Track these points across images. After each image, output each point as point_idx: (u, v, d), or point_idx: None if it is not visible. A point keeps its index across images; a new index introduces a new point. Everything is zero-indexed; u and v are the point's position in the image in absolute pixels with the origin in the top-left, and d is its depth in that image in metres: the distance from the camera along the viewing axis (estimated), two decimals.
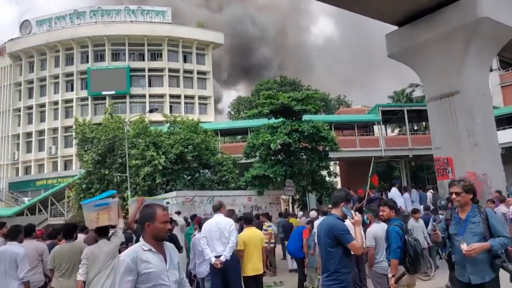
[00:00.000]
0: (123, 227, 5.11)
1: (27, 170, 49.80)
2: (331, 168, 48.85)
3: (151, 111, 26.66)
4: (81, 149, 26.10)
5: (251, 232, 6.39)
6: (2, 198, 43.16)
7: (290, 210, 24.65)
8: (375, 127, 36.34)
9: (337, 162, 43.76)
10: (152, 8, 50.14)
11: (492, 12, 12.08)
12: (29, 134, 49.97)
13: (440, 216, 6.65)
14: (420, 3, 12.72)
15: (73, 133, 27.65)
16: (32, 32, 50.35)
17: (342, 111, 40.11)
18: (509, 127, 32.42)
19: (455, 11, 12.32)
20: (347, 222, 3.84)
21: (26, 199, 40.36)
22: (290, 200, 25.74)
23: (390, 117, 36.48)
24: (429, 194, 12.25)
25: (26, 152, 49.89)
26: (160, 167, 21.63)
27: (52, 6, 78.74)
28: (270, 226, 11.73)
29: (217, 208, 6.24)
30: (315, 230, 6.92)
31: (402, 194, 11.75)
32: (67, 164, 46.65)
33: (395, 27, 14.47)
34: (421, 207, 10.17)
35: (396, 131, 45.93)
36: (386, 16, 13.80)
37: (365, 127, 36.48)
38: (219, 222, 5.86)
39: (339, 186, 45.40)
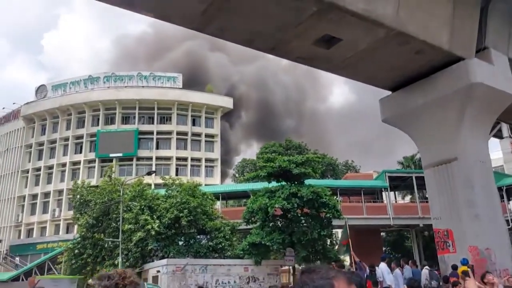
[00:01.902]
0: None
1: (29, 232, 49.04)
2: (338, 236, 47.04)
3: (149, 173, 26.38)
4: (77, 212, 25.53)
5: None
6: (1, 262, 42.03)
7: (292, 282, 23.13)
8: (384, 194, 35.21)
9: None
10: (164, 74, 51.82)
11: (486, 77, 11.76)
12: (34, 196, 49.84)
13: None
14: (411, 69, 12.52)
15: (71, 196, 27.20)
16: (47, 96, 52.09)
17: (349, 176, 39.28)
18: None
19: (448, 77, 12.04)
20: None
21: (17, 259, 39.32)
22: (291, 271, 24.29)
23: (399, 183, 35.46)
24: (425, 271, 11.13)
25: (30, 214, 49.43)
26: (153, 232, 20.80)
27: (79, 71, 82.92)
28: None
29: None
30: None
31: (392, 270, 10.66)
32: (69, 227, 45.81)
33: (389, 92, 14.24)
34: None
35: (408, 198, 44.54)
36: (377, 81, 13.59)
37: (373, 194, 35.39)
38: None
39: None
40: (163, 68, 55.09)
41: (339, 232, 46.92)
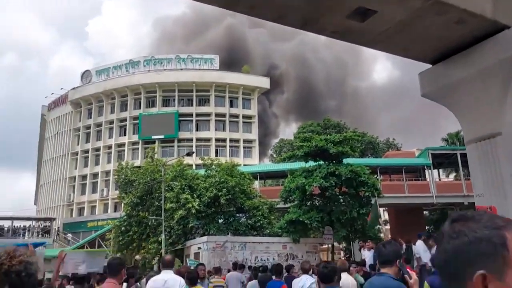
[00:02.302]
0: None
1: (80, 211, 51.92)
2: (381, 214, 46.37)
3: (188, 154, 27.05)
4: (122, 192, 26.70)
5: None
6: (55, 238, 44.86)
7: (330, 260, 23.19)
8: (426, 172, 34.20)
9: (386, 209, 41.55)
10: (201, 56, 52.33)
11: None
12: (84, 177, 52.50)
13: None
14: (452, 40, 11.90)
15: (116, 176, 28.44)
16: (92, 81, 54.12)
17: (390, 154, 38.38)
18: None
19: (491, 47, 11.35)
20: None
21: (69, 235, 41.73)
22: (331, 249, 24.34)
23: (443, 161, 34.27)
24: None
25: (80, 194, 52.25)
26: (194, 211, 21.43)
27: (123, 56, 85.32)
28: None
29: (167, 264, 5.33)
30: None
31: (429, 248, 10.39)
32: (116, 206, 48.00)
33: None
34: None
35: (452, 176, 43.00)
36: (416, 55, 13.02)
37: (415, 172, 34.46)
38: (168, 281, 4.96)
39: (387, 234, 42.78)
40: (203, 48, 55.70)
41: (381, 211, 46.36)
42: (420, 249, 10.33)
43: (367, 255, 12.02)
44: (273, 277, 8.43)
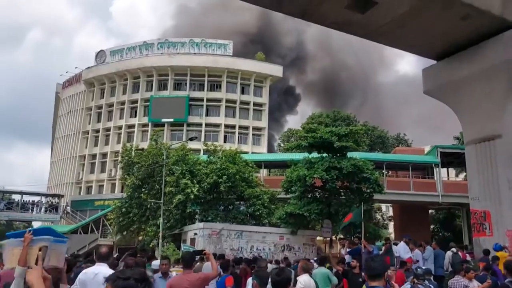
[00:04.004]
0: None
1: (88, 189, 52.60)
2: (384, 210, 45.93)
3: (191, 139, 26.94)
4: (125, 173, 26.86)
5: None
6: (63, 215, 45.60)
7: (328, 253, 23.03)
8: (435, 170, 33.57)
9: (392, 205, 41.07)
10: (215, 41, 51.92)
11: None
12: (93, 156, 53.03)
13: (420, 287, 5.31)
14: (457, 36, 11.47)
15: (119, 158, 28.61)
16: (106, 61, 54.28)
17: (398, 150, 37.72)
18: None
19: (498, 45, 10.91)
20: None
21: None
22: (328, 243, 24.15)
23: (453, 160, 33.55)
24: (449, 253, 10.49)
25: (89, 173, 52.86)
26: (192, 196, 21.44)
27: (145, 38, 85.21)
28: None
29: (101, 257, 5.02)
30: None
31: (411, 251, 10.18)
32: (123, 187, 48.48)
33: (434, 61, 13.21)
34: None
35: (462, 175, 42.18)
36: (420, 50, 12.64)
37: (424, 169, 33.86)
38: (98, 274, 4.54)
39: (391, 230, 42.40)
40: (231, 30, 55.09)
41: (383, 207, 45.85)
42: (401, 249, 10.16)
43: (348, 257, 11.86)
44: None
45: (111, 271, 4.72)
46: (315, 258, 11.75)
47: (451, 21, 10.78)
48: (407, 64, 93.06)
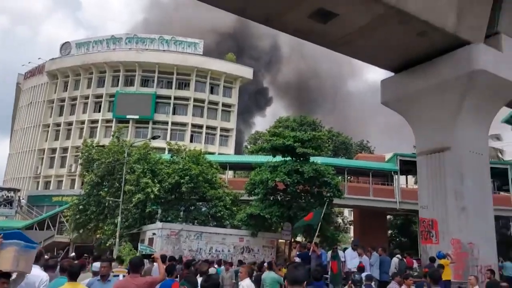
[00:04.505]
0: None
1: (46, 184, 50.89)
2: (346, 215, 46.87)
3: (153, 137, 26.55)
4: (84, 170, 26.19)
5: None
6: (18, 210, 43.89)
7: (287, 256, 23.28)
8: (394, 177, 34.61)
9: (352, 210, 41.97)
10: (185, 39, 51.46)
11: (491, 65, 11.09)
12: (53, 150, 51.35)
13: None
14: (414, 51, 11.92)
15: (80, 153, 27.87)
16: (71, 54, 52.72)
17: (360, 156, 38.60)
18: None
19: (451, 61, 11.42)
20: None
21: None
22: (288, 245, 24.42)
23: (412, 167, 34.63)
24: (395, 260, 10.89)
25: (48, 167, 51.15)
26: (152, 196, 21.15)
27: (115, 31, 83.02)
28: None
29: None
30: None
31: (359, 256, 10.51)
32: (83, 183, 47.31)
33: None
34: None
35: None
36: (379, 62, 13.04)
37: (383, 176, 34.83)
38: (28, 276, 4.35)
39: (352, 234, 43.36)
40: (206, 28, 54.48)
41: (346, 212, 46.79)
42: (348, 255, 10.46)
43: (297, 260, 12.11)
44: None
45: (43, 274, 4.63)
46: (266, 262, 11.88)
47: (408, 36, 11.18)
48: (376, 73, 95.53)
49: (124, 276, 6.26)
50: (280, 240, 24.05)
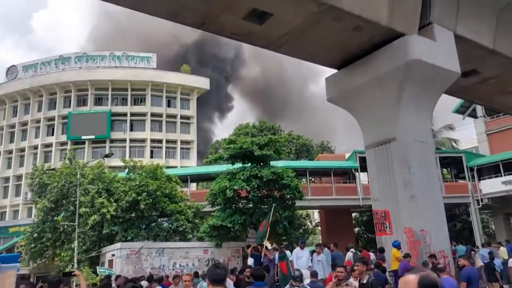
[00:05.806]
0: None
1: (2, 215, 48.33)
2: (315, 217, 47.16)
3: (106, 156, 25.71)
4: (36, 196, 24.96)
5: None
6: None
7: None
8: (356, 174, 35.13)
9: (319, 211, 42.27)
10: (137, 54, 50.65)
11: (426, 54, 11.36)
12: (7, 179, 48.95)
13: None
14: (353, 46, 12.05)
15: (30, 180, 26.58)
16: (18, 77, 50.63)
17: (321, 157, 39.02)
18: (495, 177, 31.13)
19: (387, 54, 11.62)
20: None
21: None
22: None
23: None
24: (350, 254, 10.89)
25: (2, 197, 48.63)
26: (109, 216, 20.35)
27: (70, 50, 79.99)
28: None
29: None
30: None
31: (317, 254, 10.43)
32: (37, 209, 45.25)
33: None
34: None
35: None
36: (321, 60, 13.13)
37: (345, 174, 35.29)
38: None
39: (319, 236, 43.61)
40: (164, 41, 53.71)
41: (315, 213, 47.07)
42: (294, 255, 10.36)
43: (250, 261, 11.98)
44: None
45: None
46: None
47: (345, 32, 11.30)
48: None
49: None
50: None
